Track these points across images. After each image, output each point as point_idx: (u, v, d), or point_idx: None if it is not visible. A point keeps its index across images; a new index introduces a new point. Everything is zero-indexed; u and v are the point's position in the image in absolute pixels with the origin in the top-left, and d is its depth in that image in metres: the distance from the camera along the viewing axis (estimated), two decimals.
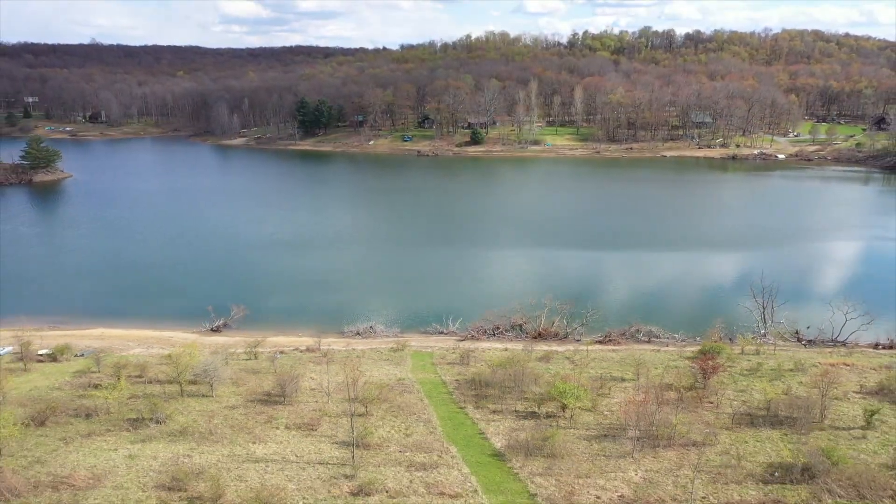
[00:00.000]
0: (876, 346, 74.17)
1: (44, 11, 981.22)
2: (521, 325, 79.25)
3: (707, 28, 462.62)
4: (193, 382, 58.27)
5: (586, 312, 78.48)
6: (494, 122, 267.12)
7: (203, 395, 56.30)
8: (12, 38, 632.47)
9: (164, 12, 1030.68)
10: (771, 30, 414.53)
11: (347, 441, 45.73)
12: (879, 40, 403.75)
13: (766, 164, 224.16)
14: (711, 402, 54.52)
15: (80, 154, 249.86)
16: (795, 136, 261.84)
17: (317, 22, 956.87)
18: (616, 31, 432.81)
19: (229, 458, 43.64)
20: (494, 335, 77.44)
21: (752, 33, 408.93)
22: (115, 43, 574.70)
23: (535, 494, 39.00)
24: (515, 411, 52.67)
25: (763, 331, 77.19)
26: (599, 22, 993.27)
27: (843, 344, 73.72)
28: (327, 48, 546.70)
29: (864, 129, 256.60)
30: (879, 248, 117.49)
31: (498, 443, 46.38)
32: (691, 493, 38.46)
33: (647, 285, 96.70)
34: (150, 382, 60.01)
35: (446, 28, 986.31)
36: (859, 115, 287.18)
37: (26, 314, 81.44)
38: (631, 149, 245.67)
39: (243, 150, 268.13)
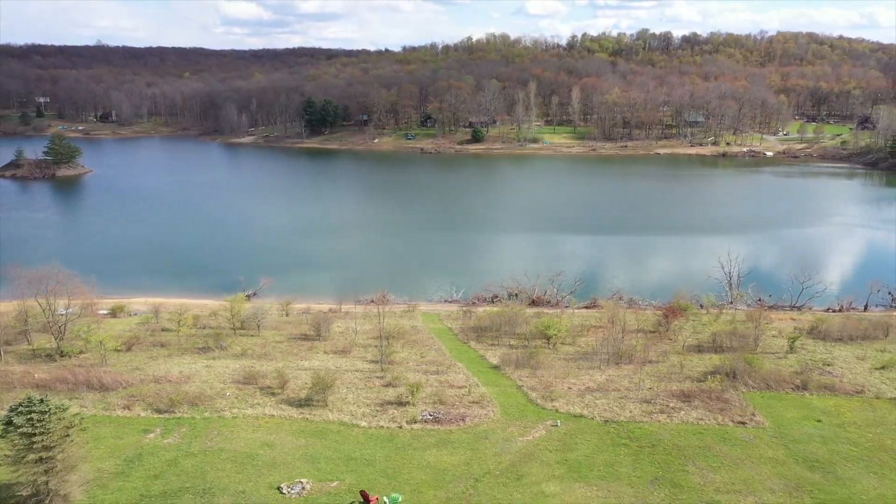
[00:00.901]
0: (827, 310, 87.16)
1: (44, 13, 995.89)
2: (516, 294, 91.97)
3: (707, 30, 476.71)
4: (241, 327, 71.34)
5: (576, 284, 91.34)
6: (494, 121, 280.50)
7: (251, 335, 69.35)
8: (12, 39, 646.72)
9: (166, 14, 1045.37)
10: (767, 32, 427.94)
11: (376, 359, 58.91)
12: (872, 42, 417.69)
13: (754, 160, 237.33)
14: (670, 339, 67.59)
15: (95, 151, 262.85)
16: (785, 134, 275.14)
17: (317, 24, 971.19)
18: (615, 33, 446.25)
19: (284, 366, 56.75)
20: (493, 302, 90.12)
21: (748, 35, 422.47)
22: (118, 44, 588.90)
23: (522, 386, 52.12)
24: (509, 344, 65.70)
25: (729, 298, 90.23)
26: (600, 24, 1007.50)
27: (799, 308, 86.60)
28: (329, 50, 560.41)
29: (850, 129, 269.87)
30: (843, 232, 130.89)
31: (494, 360, 59.50)
32: (639, 384, 51.59)
33: (633, 263, 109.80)
34: (204, 328, 73.02)
35: (447, 30, 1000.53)
36: (848, 116, 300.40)
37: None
38: (626, 146, 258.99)
39: (252, 147, 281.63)
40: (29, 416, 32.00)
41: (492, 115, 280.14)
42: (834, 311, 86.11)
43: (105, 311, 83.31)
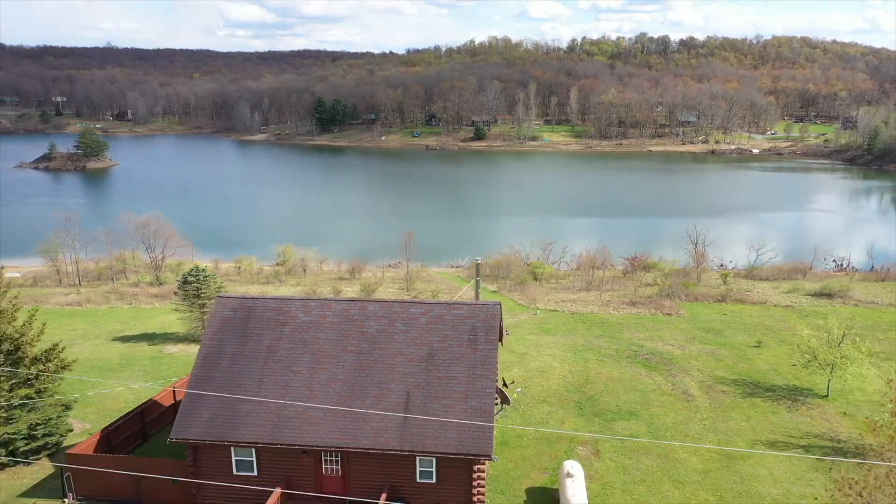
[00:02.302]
0: None
1: (50, 16, 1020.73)
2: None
3: (707, 34, 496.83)
4: (287, 273, 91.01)
5: (564, 251, 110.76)
6: (496, 120, 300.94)
7: (299, 278, 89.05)
8: (17, 41, 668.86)
9: (169, 17, 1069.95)
10: (763, 37, 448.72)
11: (402, 288, 78.67)
12: (864, 46, 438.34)
13: (741, 157, 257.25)
14: (633, 280, 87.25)
15: (116, 147, 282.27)
16: (772, 134, 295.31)
17: (320, 26, 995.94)
18: (614, 36, 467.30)
19: (333, 289, 76.31)
20: None
21: (744, 39, 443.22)
22: (125, 46, 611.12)
23: (512, 297, 71.80)
24: (508, 280, 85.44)
25: (694, 264, 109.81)
26: (603, 27, 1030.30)
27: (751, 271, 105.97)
28: (334, 52, 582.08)
29: (835, 129, 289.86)
30: (808, 216, 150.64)
31: (492, 287, 79.24)
32: (600, 298, 71.33)
33: (615, 238, 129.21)
34: (259, 273, 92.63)
35: (450, 33, 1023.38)
36: (835, 116, 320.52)
37: None
38: (620, 144, 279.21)
39: (265, 144, 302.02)
40: (196, 278, 51.61)
41: (493, 115, 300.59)
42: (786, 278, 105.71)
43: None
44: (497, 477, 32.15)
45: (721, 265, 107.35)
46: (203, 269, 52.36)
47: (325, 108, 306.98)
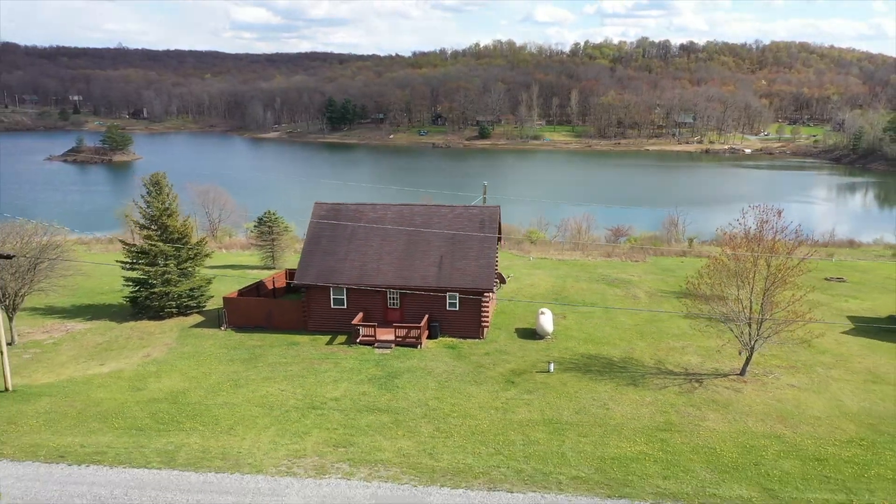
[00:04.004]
0: None
1: (53, 17, 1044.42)
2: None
3: (712, 39, 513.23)
4: None
5: (559, 228, 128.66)
6: (499, 120, 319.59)
7: None
8: (21, 40, 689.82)
9: (175, 19, 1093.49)
10: (762, 42, 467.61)
11: None
12: (861, 52, 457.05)
13: (734, 156, 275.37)
14: (615, 245, 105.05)
15: (135, 143, 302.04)
16: (765, 135, 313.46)
17: (326, 29, 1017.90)
18: (616, 40, 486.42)
19: None
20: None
21: (744, 44, 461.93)
22: (135, 47, 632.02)
23: (510, 252, 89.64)
24: (508, 241, 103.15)
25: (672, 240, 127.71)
26: (608, 32, 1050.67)
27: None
28: (341, 55, 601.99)
29: (826, 130, 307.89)
30: (785, 205, 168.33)
31: None
32: (583, 255, 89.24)
33: (604, 221, 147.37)
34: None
35: (454, 36, 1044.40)
36: (827, 119, 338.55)
37: None
38: (619, 143, 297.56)
39: (277, 142, 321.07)
40: (269, 219, 69.53)
41: (497, 115, 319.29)
42: None
43: None
44: (497, 325, 49.79)
45: (691, 239, 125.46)
46: (273, 212, 70.23)
47: (335, 107, 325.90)
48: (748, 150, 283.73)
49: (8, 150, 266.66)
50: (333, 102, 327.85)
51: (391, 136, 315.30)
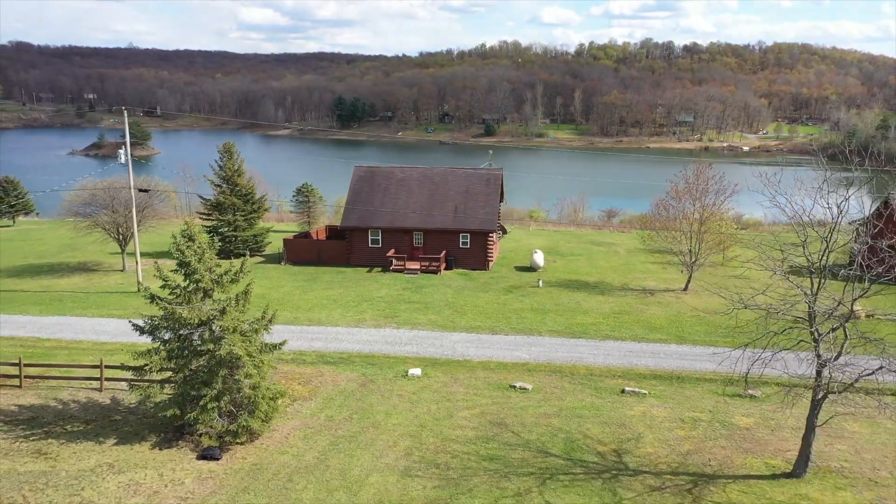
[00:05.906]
0: None
1: (59, 17, 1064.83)
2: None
3: (717, 40, 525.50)
4: None
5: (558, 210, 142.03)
6: (505, 119, 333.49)
7: None
8: (31, 40, 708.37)
9: (182, 19, 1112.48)
10: (765, 43, 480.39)
11: None
12: (863, 53, 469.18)
13: (732, 154, 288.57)
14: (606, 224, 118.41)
15: (152, 139, 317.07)
16: (764, 133, 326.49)
17: (333, 30, 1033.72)
18: (620, 41, 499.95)
19: None
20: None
21: (746, 46, 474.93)
22: (145, 47, 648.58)
23: (512, 226, 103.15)
24: (510, 219, 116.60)
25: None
26: (615, 34, 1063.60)
27: None
28: (348, 55, 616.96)
29: (823, 129, 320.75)
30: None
31: None
32: (578, 229, 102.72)
33: (600, 206, 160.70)
34: None
35: (461, 37, 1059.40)
36: (826, 118, 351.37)
37: None
38: (620, 141, 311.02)
39: (289, 138, 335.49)
40: (306, 190, 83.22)
41: (502, 113, 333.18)
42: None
43: None
44: (499, 263, 63.19)
45: None
46: (310, 184, 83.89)
47: (345, 105, 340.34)
48: (746, 148, 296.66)
49: (30, 146, 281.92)
50: (343, 101, 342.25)
51: (399, 134, 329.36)
